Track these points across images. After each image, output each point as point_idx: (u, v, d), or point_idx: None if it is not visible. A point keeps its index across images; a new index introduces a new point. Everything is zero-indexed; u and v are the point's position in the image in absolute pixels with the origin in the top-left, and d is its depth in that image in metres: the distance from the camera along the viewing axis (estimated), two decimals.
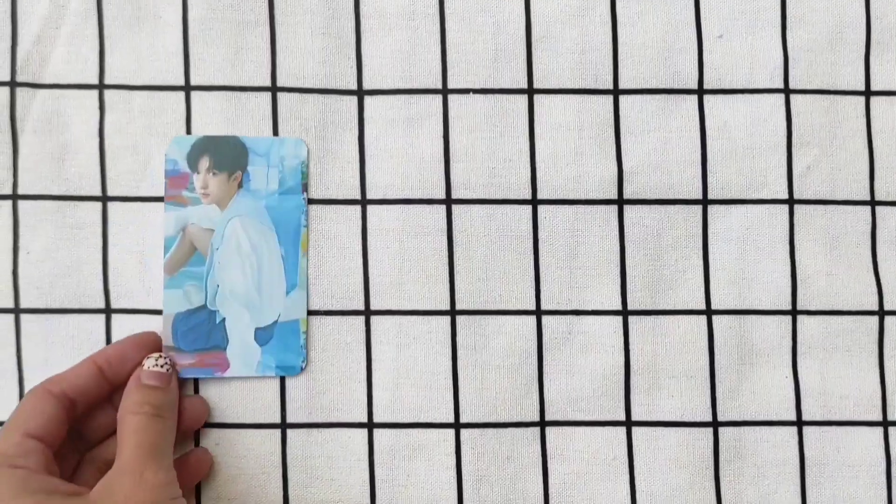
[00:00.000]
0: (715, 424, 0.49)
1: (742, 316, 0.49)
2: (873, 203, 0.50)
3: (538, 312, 0.49)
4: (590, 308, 0.49)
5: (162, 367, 0.45)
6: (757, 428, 0.49)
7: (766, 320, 0.49)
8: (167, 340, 0.48)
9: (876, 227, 0.50)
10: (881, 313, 0.49)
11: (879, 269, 0.50)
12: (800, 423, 0.49)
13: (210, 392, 0.48)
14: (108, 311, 0.48)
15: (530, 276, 0.49)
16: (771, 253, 0.49)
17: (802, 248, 0.50)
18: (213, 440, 0.48)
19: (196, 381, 0.48)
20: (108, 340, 0.48)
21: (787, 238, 0.50)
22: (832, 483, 0.49)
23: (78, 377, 0.44)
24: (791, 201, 0.50)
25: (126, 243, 0.48)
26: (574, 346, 0.49)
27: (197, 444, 0.48)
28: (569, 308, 0.49)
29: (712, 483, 0.49)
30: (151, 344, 0.46)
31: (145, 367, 0.44)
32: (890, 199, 0.50)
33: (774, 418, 0.49)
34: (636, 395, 0.49)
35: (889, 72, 0.50)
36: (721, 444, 0.49)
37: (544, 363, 0.49)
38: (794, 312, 0.49)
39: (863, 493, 0.49)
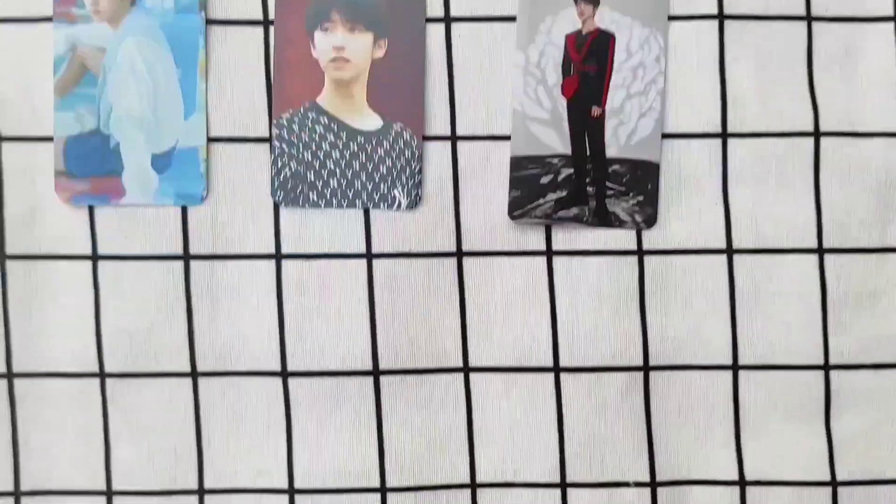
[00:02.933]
0: (640, 253, 0.47)
1: (670, 140, 0.47)
2: (809, 19, 0.47)
3: None
4: None
5: None
6: (685, 256, 0.47)
7: (694, 144, 0.47)
8: (59, 165, 0.45)
9: (812, 44, 0.47)
10: (817, 135, 0.47)
11: (816, 89, 0.47)
12: (730, 251, 0.47)
13: (107, 221, 0.46)
14: None
15: None
16: (699, 73, 0.46)
17: (733, 67, 0.46)
18: (112, 273, 0.46)
19: (91, 208, 0.46)
20: None
21: (717, 57, 0.46)
22: (764, 312, 0.46)
23: None
24: (721, 17, 0.46)
25: (11, 66, 0.46)
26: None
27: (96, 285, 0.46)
28: None
29: (637, 315, 0.46)
30: None
31: None
32: (828, 14, 0.47)
33: (703, 246, 0.47)
34: (557, 226, 0.46)
35: None
36: (646, 273, 0.46)
37: None
38: (724, 136, 0.47)
39: (796, 321, 0.46)
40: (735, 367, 0.47)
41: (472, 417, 0.46)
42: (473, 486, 0.46)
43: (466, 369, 0.46)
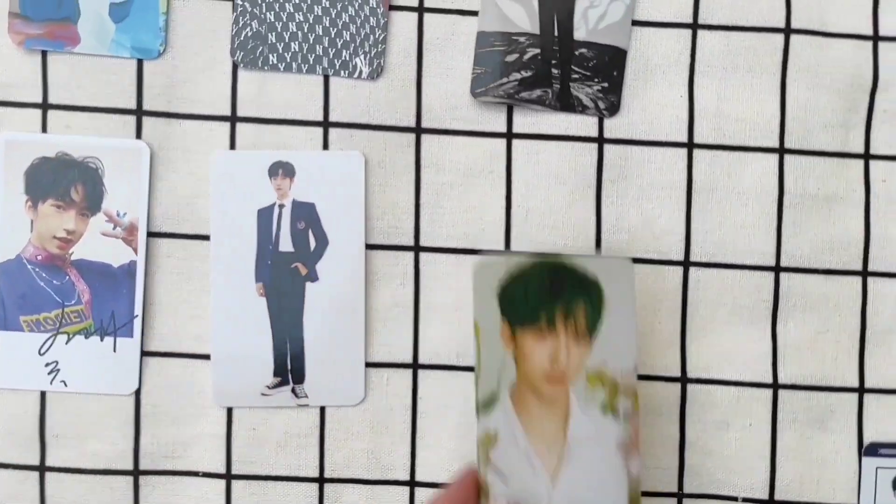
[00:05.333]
0: (600, 141, 0.46)
1: (639, 27, 0.46)
2: None
3: None
4: None
5: None
6: (645, 148, 0.46)
7: (663, 33, 0.46)
8: (14, 7, 0.44)
9: None
10: (787, 31, 0.46)
11: None
12: (690, 146, 0.46)
13: (61, 68, 0.45)
14: None
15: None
16: None
17: None
18: (64, 122, 0.45)
19: (45, 54, 0.45)
20: None
21: None
22: (720, 209, 0.46)
23: None
24: None
25: None
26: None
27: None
28: None
29: (593, 203, 0.46)
30: None
31: None
32: None
33: (664, 139, 0.46)
34: (519, 108, 0.46)
35: None
36: (605, 161, 0.46)
37: None
38: (694, 26, 0.46)
39: (751, 221, 0.46)
40: (686, 264, 0.46)
41: (419, 297, 0.46)
42: (416, 366, 0.46)
43: (417, 248, 0.46)
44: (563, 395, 0.40)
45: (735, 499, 0.46)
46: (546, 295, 0.39)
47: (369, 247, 0.46)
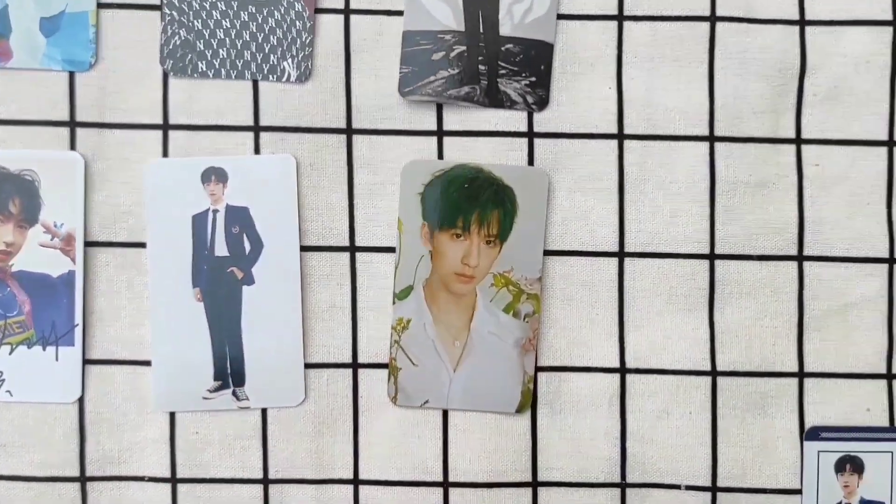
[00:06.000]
0: (530, 135, 0.46)
1: (565, 21, 0.46)
2: None
3: None
4: None
5: None
6: (575, 140, 0.46)
7: (589, 26, 0.46)
8: None
9: None
10: (713, 19, 0.46)
11: None
12: (621, 137, 0.46)
13: None
14: None
15: None
16: None
17: None
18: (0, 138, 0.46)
19: None
20: None
21: None
22: (653, 199, 0.46)
23: None
24: None
25: None
26: None
27: None
28: None
29: None
30: None
31: None
32: None
33: (594, 131, 0.46)
34: (449, 106, 0.46)
35: None
36: (536, 155, 0.46)
37: None
38: (620, 18, 0.46)
39: (685, 209, 0.46)
40: (621, 255, 0.46)
41: (357, 296, 0.46)
42: (355, 365, 0.46)
43: (353, 248, 0.46)
44: (471, 292, 0.45)
45: (678, 487, 0.47)
46: (464, 200, 0.45)
47: (304, 248, 0.46)
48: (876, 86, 0.46)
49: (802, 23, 0.46)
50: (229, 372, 0.46)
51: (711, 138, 0.46)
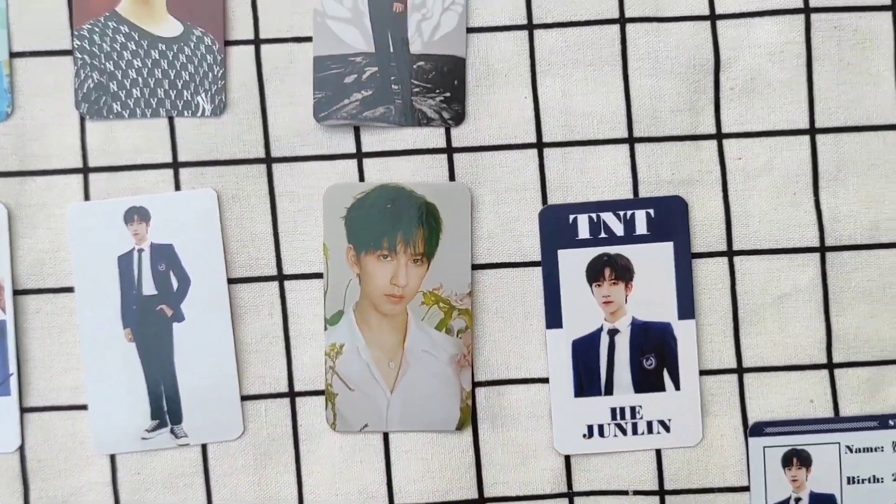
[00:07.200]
0: (450, 150, 0.46)
1: (475, 34, 0.46)
2: None
3: None
4: None
5: None
6: (495, 153, 0.46)
7: (499, 37, 0.46)
8: None
9: None
10: (622, 21, 0.46)
11: None
12: (540, 145, 0.46)
13: None
14: None
15: None
16: None
17: None
18: None
19: None
20: None
21: None
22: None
23: None
24: None
25: None
26: None
27: None
28: None
29: None
30: None
31: None
32: None
33: (513, 141, 0.46)
34: (366, 127, 0.46)
35: None
36: (457, 170, 0.46)
37: None
38: (530, 27, 0.46)
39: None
40: None
41: (288, 325, 0.46)
42: (292, 394, 0.46)
43: (281, 276, 0.46)
44: (402, 312, 0.45)
45: (626, 492, 0.46)
46: (388, 221, 0.45)
47: (232, 281, 0.46)
48: (793, 75, 0.46)
49: (713, 17, 0.46)
50: (166, 410, 0.46)
51: (631, 140, 0.46)
